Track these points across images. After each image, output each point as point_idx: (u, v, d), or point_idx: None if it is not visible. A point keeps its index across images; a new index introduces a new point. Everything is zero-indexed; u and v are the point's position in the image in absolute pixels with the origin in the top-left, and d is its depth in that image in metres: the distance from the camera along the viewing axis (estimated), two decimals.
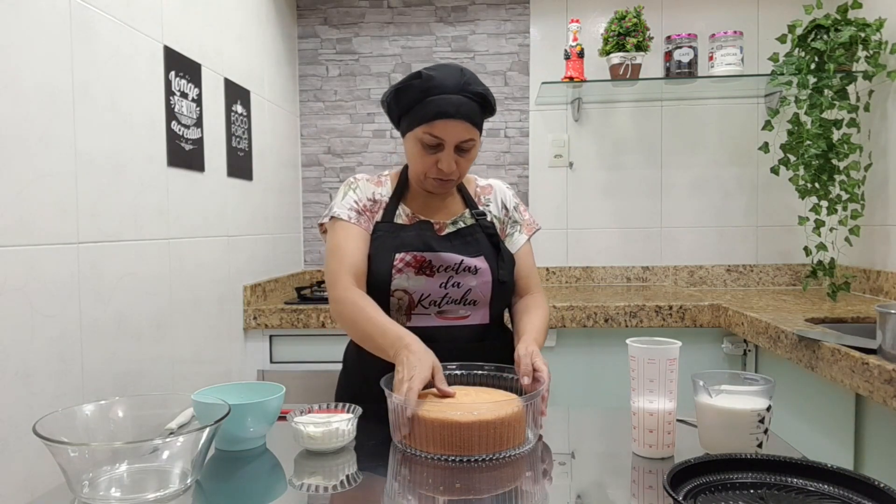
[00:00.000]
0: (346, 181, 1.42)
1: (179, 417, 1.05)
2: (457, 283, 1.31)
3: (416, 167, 1.32)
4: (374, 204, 1.38)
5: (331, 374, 2.19)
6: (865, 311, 1.92)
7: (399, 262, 1.30)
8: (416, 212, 1.39)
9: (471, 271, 1.32)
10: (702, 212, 2.68)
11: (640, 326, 2.09)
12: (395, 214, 1.37)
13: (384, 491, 0.92)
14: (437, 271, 1.31)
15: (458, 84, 1.25)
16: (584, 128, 2.70)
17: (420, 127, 1.26)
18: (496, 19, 2.71)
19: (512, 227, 1.46)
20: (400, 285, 1.30)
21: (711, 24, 2.58)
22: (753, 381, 0.98)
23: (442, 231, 1.37)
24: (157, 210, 1.62)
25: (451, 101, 1.24)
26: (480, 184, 1.49)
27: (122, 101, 1.48)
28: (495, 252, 1.37)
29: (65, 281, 1.28)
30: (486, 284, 1.33)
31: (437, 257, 1.31)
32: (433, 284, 1.31)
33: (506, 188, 1.49)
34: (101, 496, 0.85)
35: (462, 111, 1.24)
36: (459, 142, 1.27)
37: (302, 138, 2.81)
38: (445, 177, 1.30)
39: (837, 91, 2.13)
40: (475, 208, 1.42)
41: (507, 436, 1.00)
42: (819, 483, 0.82)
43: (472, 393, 1.10)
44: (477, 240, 1.36)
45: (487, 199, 1.46)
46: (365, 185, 1.40)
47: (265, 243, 2.39)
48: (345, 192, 1.39)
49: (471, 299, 1.32)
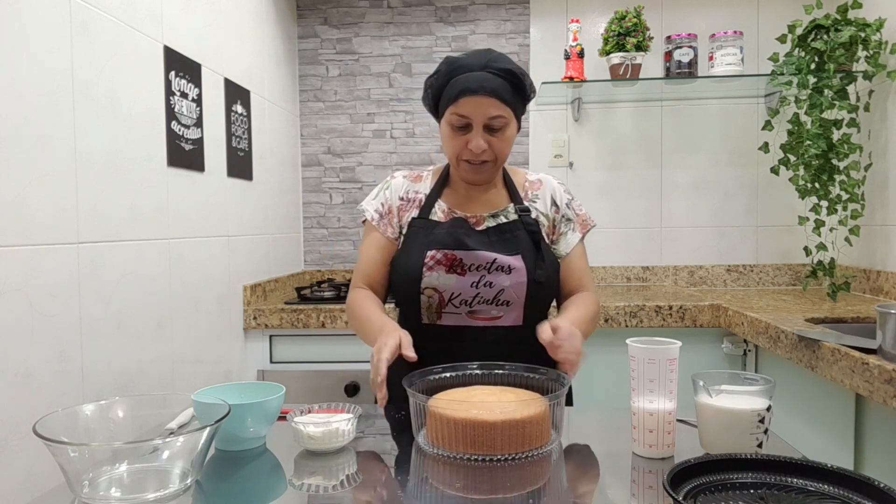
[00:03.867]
0: (386, 178, 1.43)
1: (179, 417, 1.05)
2: (489, 282, 1.27)
3: (449, 151, 1.30)
4: (407, 203, 1.37)
5: (331, 373, 2.20)
6: (865, 311, 1.92)
7: (430, 259, 1.28)
8: (453, 207, 1.35)
9: (504, 270, 1.28)
10: (702, 212, 2.68)
11: (640, 326, 2.09)
12: (431, 210, 1.35)
13: (395, 490, 0.92)
14: (468, 270, 1.28)
15: (482, 62, 1.24)
16: (584, 128, 2.70)
17: (448, 109, 1.25)
18: (496, 19, 2.71)
19: (565, 226, 1.39)
20: (430, 283, 1.28)
21: (711, 24, 2.58)
22: (753, 381, 0.98)
23: (479, 224, 1.33)
24: (156, 210, 1.62)
25: (475, 77, 1.22)
26: (530, 178, 1.42)
27: (122, 101, 1.48)
28: (535, 251, 1.31)
29: (65, 281, 1.28)
30: (521, 285, 1.28)
31: (469, 255, 1.28)
32: (464, 283, 1.27)
33: (557, 184, 1.42)
34: (101, 496, 0.85)
35: (486, 87, 1.21)
36: (487, 119, 1.23)
37: (302, 138, 2.81)
38: (476, 158, 1.26)
39: (837, 91, 2.13)
40: (520, 203, 1.36)
41: (532, 435, 1.00)
42: (819, 483, 0.82)
43: (497, 392, 1.08)
44: (517, 237, 1.31)
45: (535, 194, 1.39)
46: (399, 183, 1.39)
47: (265, 243, 2.39)
48: (378, 191, 1.41)
49: (504, 299, 1.28)
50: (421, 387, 1.10)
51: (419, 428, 1.06)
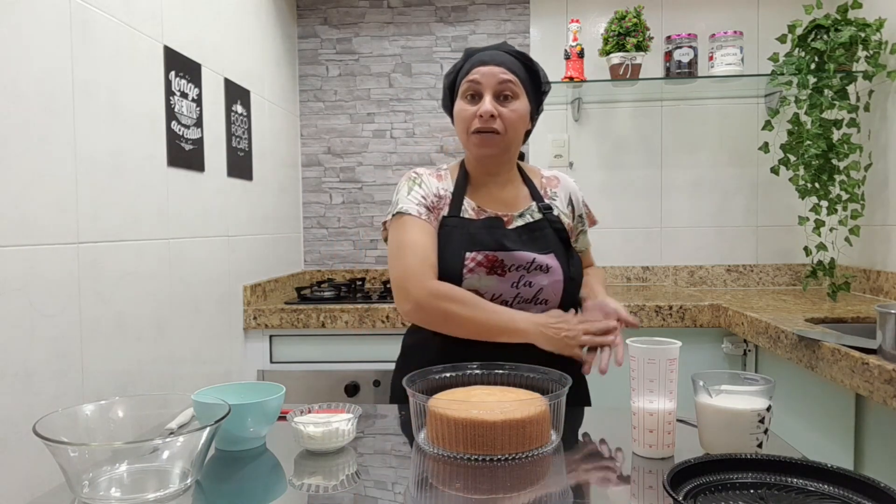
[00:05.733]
0: (408, 175, 1.36)
1: (179, 417, 1.05)
2: (528, 282, 1.28)
3: (461, 126, 1.31)
4: (440, 199, 1.34)
5: (331, 373, 2.20)
6: (865, 311, 1.92)
7: (470, 261, 1.26)
8: (481, 205, 1.34)
9: (542, 270, 1.29)
10: (702, 212, 2.68)
11: (640, 326, 2.09)
12: (461, 208, 1.33)
13: (395, 490, 0.92)
14: (508, 270, 1.27)
15: (497, 47, 1.35)
16: (584, 128, 2.70)
17: (462, 84, 1.31)
18: (496, 19, 2.71)
19: (581, 223, 1.46)
20: (471, 285, 1.26)
21: (711, 24, 2.58)
22: (753, 381, 0.98)
23: (510, 224, 1.33)
24: (156, 210, 1.62)
25: (490, 52, 1.32)
26: (546, 174, 1.45)
27: (122, 101, 1.48)
28: (565, 248, 1.33)
29: (65, 281, 1.28)
30: (558, 283, 1.29)
31: (510, 256, 1.27)
32: (505, 284, 1.27)
33: (571, 181, 1.46)
34: (101, 496, 0.85)
35: (497, 59, 1.30)
36: (496, 84, 1.28)
37: (302, 138, 2.81)
38: (486, 125, 1.27)
39: (837, 91, 2.13)
40: (541, 201, 1.38)
41: (532, 435, 1.00)
42: (819, 483, 0.82)
43: (497, 392, 1.08)
44: (545, 235, 1.33)
45: (554, 191, 1.42)
46: (428, 179, 1.36)
47: (265, 243, 2.39)
48: (409, 188, 1.34)
49: (542, 298, 1.29)
50: (421, 387, 1.10)
51: (419, 428, 1.06)
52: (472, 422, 0.98)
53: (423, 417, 1.05)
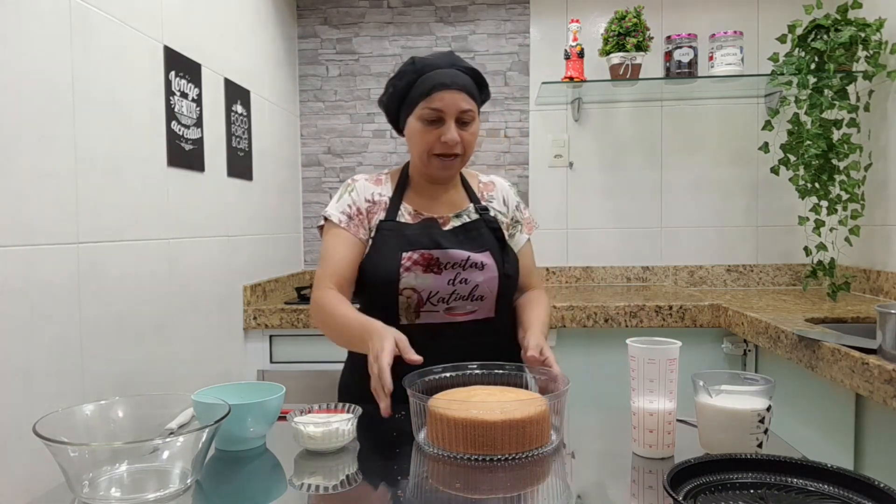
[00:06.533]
0: (346, 182, 1.44)
1: (179, 417, 1.05)
2: (464, 279, 1.32)
3: (420, 147, 1.32)
4: (373, 205, 1.39)
5: (331, 373, 2.19)
6: (865, 311, 1.92)
7: (406, 260, 1.30)
8: (418, 209, 1.39)
9: (477, 267, 1.33)
10: (702, 212, 2.68)
11: (640, 326, 2.09)
12: (397, 213, 1.37)
13: (395, 490, 0.92)
14: (444, 268, 1.32)
15: (448, 60, 1.32)
16: (584, 128, 2.70)
17: (420, 104, 1.30)
18: (496, 19, 2.71)
19: (514, 227, 1.48)
20: (408, 284, 1.30)
21: (711, 24, 2.58)
22: (753, 381, 0.98)
23: (446, 225, 1.38)
24: (157, 210, 1.62)
25: (447, 73, 1.29)
26: (483, 180, 1.50)
27: (122, 101, 1.48)
28: (500, 246, 1.38)
29: (65, 281, 1.28)
30: (493, 280, 1.34)
31: (445, 254, 1.32)
32: (441, 282, 1.31)
33: (508, 186, 1.51)
34: (101, 496, 0.85)
35: (458, 82, 1.29)
36: (459, 112, 1.29)
37: (302, 138, 2.81)
38: (450, 150, 1.31)
39: (837, 91, 2.13)
40: (479, 202, 1.43)
41: (532, 435, 1.00)
42: (819, 483, 0.82)
43: (497, 392, 1.09)
44: (482, 234, 1.37)
45: (490, 195, 1.47)
46: (363, 185, 1.41)
47: (265, 243, 2.39)
48: (341, 194, 1.41)
49: (478, 295, 1.33)
50: (421, 387, 1.10)
51: (419, 428, 1.06)
52: (472, 422, 0.98)
53: (423, 417, 1.05)
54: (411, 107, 1.32)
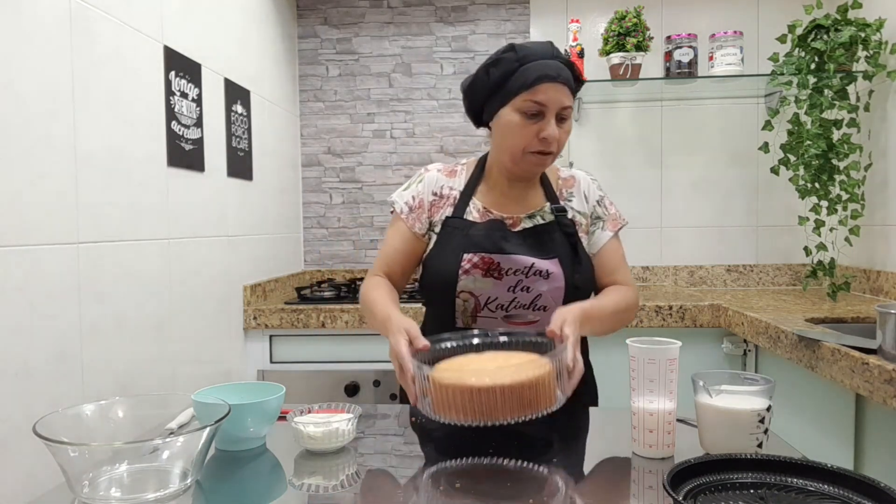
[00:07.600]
0: (419, 171, 1.38)
1: (179, 417, 1.05)
2: (526, 287, 1.24)
3: (515, 142, 1.22)
4: (440, 199, 1.32)
5: (331, 373, 2.20)
6: (865, 311, 1.92)
7: (466, 262, 1.24)
8: (489, 206, 1.31)
9: (542, 275, 1.24)
10: (702, 212, 2.68)
11: (640, 326, 2.09)
12: (466, 210, 1.30)
13: (395, 490, 0.92)
14: (505, 274, 1.24)
15: (550, 52, 1.22)
16: (584, 128, 2.70)
17: (520, 95, 1.19)
18: (496, 19, 2.71)
19: (594, 225, 1.35)
20: (466, 287, 1.24)
21: (711, 24, 2.58)
22: (753, 381, 0.98)
23: (516, 226, 1.29)
24: (156, 210, 1.62)
25: (550, 64, 1.20)
26: (563, 175, 1.38)
27: (122, 101, 1.48)
28: (572, 254, 1.28)
29: (65, 281, 1.28)
30: (559, 290, 1.25)
31: (507, 259, 1.24)
32: (501, 288, 1.24)
33: (590, 180, 1.38)
34: (101, 496, 0.85)
35: (562, 75, 1.20)
36: (560, 108, 1.20)
37: (302, 138, 2.81)
38: (548, 147, 1.21)
39: (837, 91, 2.13)
40: (556, 202, 1.32)
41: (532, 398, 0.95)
42: (819, 483, 0.82)
43: (501, 358, 1.04)
44: (553, 239, 1.28)
45: (570, 192, 1.36)
46: (434, 177, 1.34)
47: (265, 243, 2.39)
48: (410, 183, 1.36)
49: (541, 304, 1.25)
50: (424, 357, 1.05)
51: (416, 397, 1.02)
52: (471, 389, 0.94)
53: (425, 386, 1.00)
54: (507, 98, 1.21)
